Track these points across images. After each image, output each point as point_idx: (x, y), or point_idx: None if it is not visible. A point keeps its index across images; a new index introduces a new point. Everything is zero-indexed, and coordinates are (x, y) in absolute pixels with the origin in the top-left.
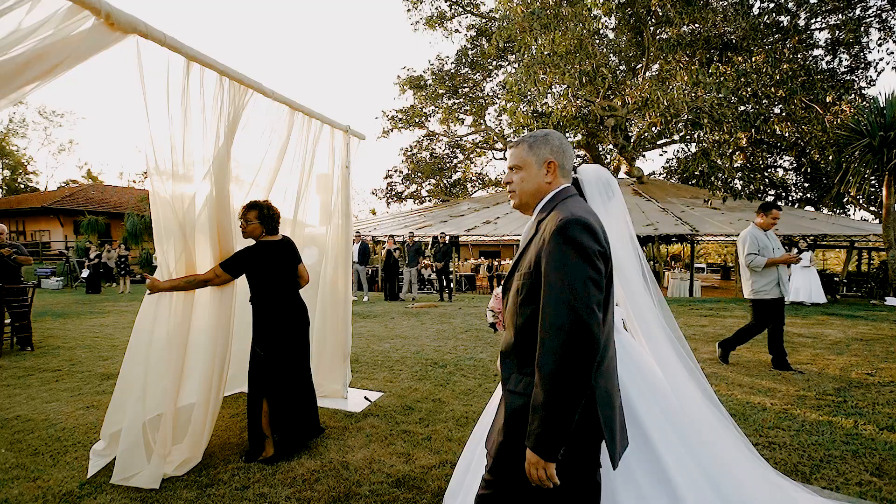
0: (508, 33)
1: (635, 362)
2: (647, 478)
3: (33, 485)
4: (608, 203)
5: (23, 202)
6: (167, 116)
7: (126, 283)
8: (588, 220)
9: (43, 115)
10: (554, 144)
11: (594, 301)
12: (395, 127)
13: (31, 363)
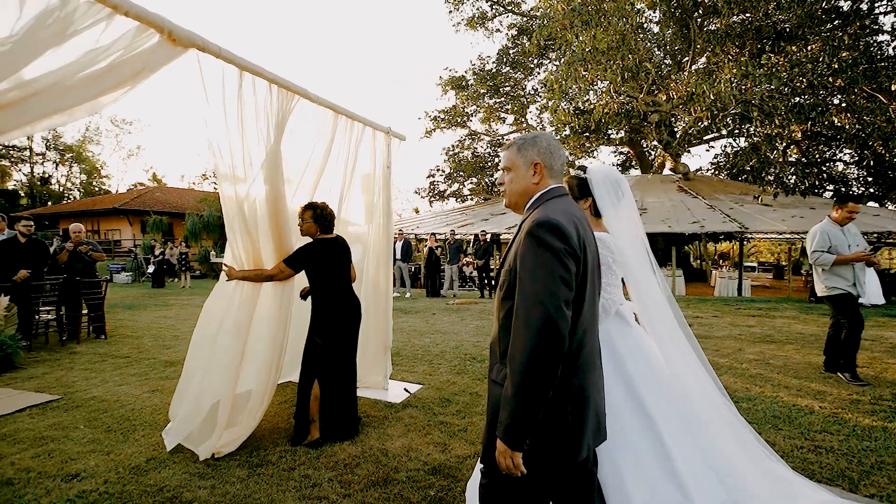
0: (549, 31)
1: (645, 355)
2: (655, 464)
3: (107, 458)
4: (617, 204)
5: (97, 203)
6: (225, 122)
7: (187, 278)
8: (559, 221)
9: (114, 123)
10: (541, 146)
11: (562, 299)
12: (437, 127)
13: (105, 350)
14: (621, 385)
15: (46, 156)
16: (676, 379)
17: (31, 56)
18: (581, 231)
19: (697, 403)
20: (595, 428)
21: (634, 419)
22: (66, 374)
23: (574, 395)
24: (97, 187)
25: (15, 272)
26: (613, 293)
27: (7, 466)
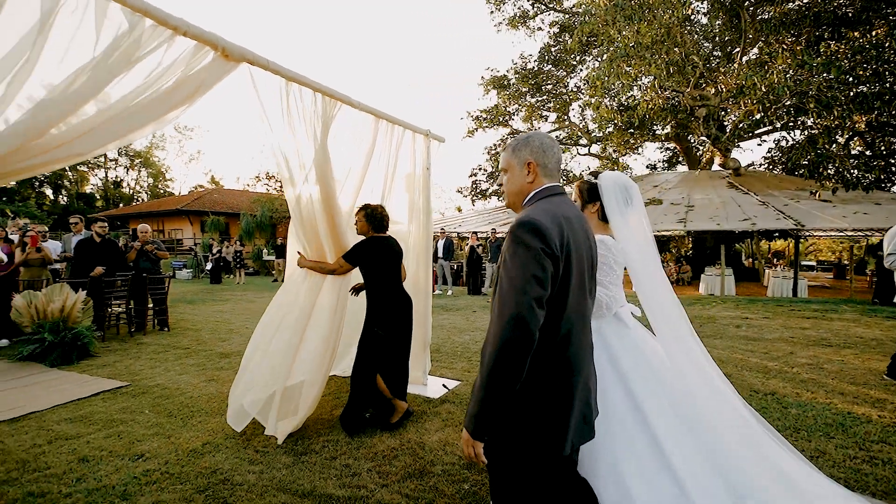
0: (591, 28)
1: (644, 356)
2: (652, 460)
3: (167, 441)
4: (625, 209)
5: (162, 205)
6: (277, 128)
7: (241, 275)
8: (539, 221)
9: (177, 130)
10: (534, 146)
11: (533, 297)
12: (479, 126)
13: (167, 341)
14: (618, 384)
15: (118, 161)
16: (680, 380)
17: (109, 79)
18: (566, 230)
19: (701, 404)
20: (580, 426)
21: (632, 416)
22: (134, 362)
23: (558, 392)
24: (162, 190)
25: (91, 269)
26: (615, 292)
27: (84, 445)
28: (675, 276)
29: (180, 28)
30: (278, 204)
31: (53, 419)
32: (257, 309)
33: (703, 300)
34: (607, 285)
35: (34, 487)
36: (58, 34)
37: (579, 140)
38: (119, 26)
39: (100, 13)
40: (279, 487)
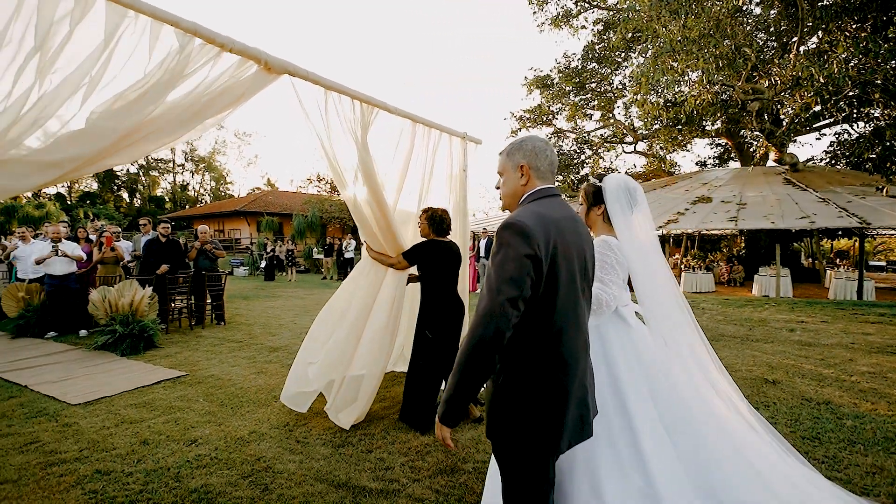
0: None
1: (639, 357)
2: (631, 460)
3: (218, 428)
4: (628, 212)
5: (222, 207)
6: (322, 132)
7: (292, 272)
8: (523, 223)
9: (237, 136)
10: (527, 149)
11: (507, 297)
12: (523, 126)
13: (223, 335)
14: (609, 382)
15: (185, 166)
16: (670, 382)
17: (162, 93)
18: (553, 232)
19: (694, 408)
20: (578, 425)
21: (617, 416)
22: (193, 353)
23: (553, 391)
24: (223, 192)
25: (157, 267)
26: (615, 290)
27: (145, 429)
28: (727, 276)
29: (226, 45)
30: (328, 205)
31: (121, 404)
32: (306, 305)
33: (756, 302)
34: (608, 283)
35: (101, 466)
36: (119, 53)
37: (625, 138)
38: (171, 46)
39: (154, 34)
40: (316, 477)
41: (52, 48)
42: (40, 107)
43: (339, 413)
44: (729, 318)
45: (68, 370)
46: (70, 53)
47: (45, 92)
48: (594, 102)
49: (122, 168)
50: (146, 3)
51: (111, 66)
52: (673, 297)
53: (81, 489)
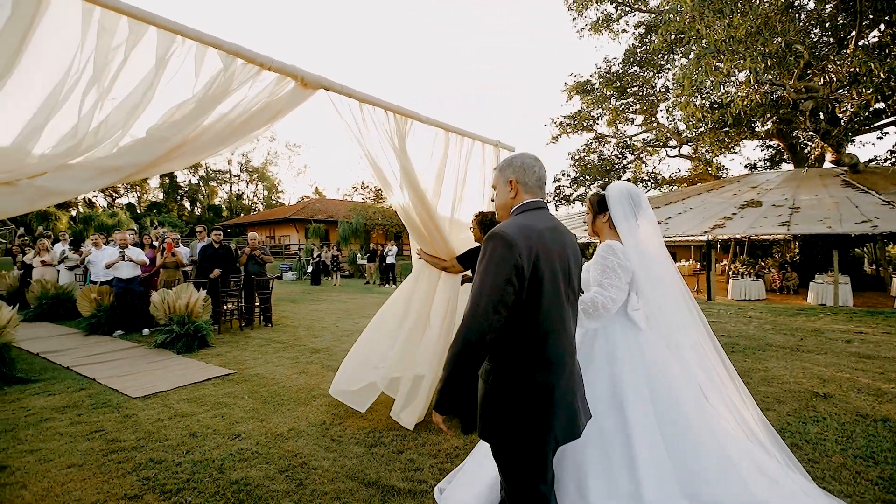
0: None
1: (644, 360)
2: (619, 461)
3: (260, 424)
4: (632, 218)
5: (274, 214)
6: (363, 143)
7: (337, 277)
8: (506, 233)
9: (288, 147)
10: (516, 165)
11: (491, 301)
12: (563, 132)
13: (269, 336)
14: (609, 384)
15: (240, 176)
16: (669, 388)
17: (209, 109)
18: (535, 241)
19: (690, 413)
20: (566, 425)
21: (613, 417)
22: (241, 353)
23: (538, 391)
24: (275, 200)
25: (211, 271)
26: (615, 293)
27: (195, 423)
28: (779, 283)
29: (265, 63)
30: (371, 212)
31: (175, 398)
32: (349, 309)
33: (809, 310)
34: (607, 287)
35: (154, 455)
36: (168, 74)
37: (668, 141)
38: (215, 67)
39: (199, 57)
40: (348, 475)
41: (110, 73)
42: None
43: (401, 413)
44: (778, 328)
45: (131, 366)
46: (126, 78)
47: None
48: (636, 106)
49: (184, 179)
50: (192, 29)
51: (162, 87)
52: (681, 300)
53: (136, 476)
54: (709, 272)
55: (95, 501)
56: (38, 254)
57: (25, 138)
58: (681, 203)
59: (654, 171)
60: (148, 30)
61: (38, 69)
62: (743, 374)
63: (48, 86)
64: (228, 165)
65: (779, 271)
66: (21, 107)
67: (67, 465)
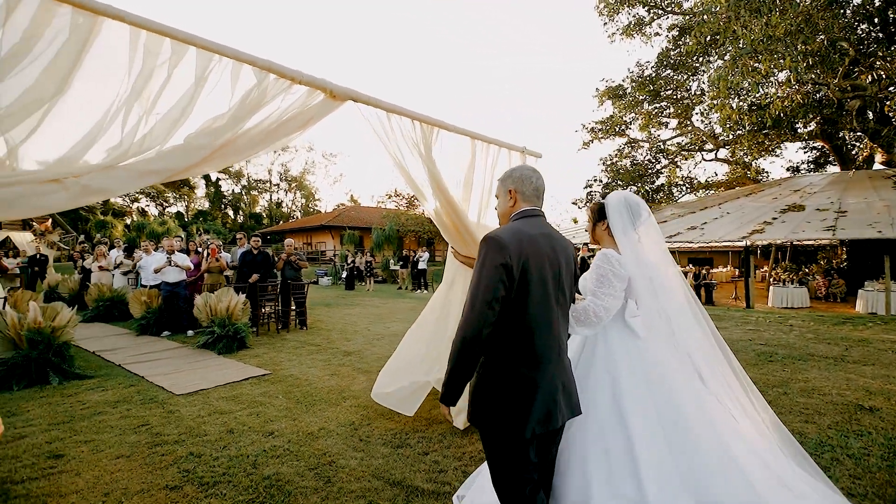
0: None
1: (643, 366)
2: (622, 465)
3: (292, 423)
4: (629, 226)
5: (311, 221)
6: (392, 151)
7: (371, 282)
8: (500, 237)
9: (324, 156)
10: (515, 177)
11: (484, 299)
12: (595, 138)
13: (304, 338)
14: (609, 389)
15: (280, 185)
16: (669, 391)
17: (243, 120)
18: (526, 245)
19: (691, 415)
20: (545, 415)
21: (612, 420)
22: (277, 354)
23: (521, 384)
24: (312, 208)
25: (250, 276)
26: (609, 302)
27: (232, 420)
28: (825, 291)
29: (296, 78)
30: (404, 219)
31: (215, 396)
32: (381, 314)
33: (857, 319)
34: (601, 296)
35: (194, 449)
36: (207, 90)
37: (704, 145)
38: (250, 82)
39: (235, 73)
40: (374, 474)
41: (154, 91)
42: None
43: (458, 415)
44: (821, 337)
45: (176, 365)
46: (169, 94)
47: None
48: (670, 110)
49: (228, 189)
50: (228, 47)
51: (201, 102)
52: (685, 306)
53: (177, 468)
54: (747, 279)
55: (140, 490)
56: (97, 259)
57: (77, 151)
58: (717, 208)
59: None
60: (188, 50)
61: (90, 88)
62: (780, 384)
63: (99, 103)
64: (269, 175)
65: (824, 278)
66: (74, 122)
67: (116, 455)
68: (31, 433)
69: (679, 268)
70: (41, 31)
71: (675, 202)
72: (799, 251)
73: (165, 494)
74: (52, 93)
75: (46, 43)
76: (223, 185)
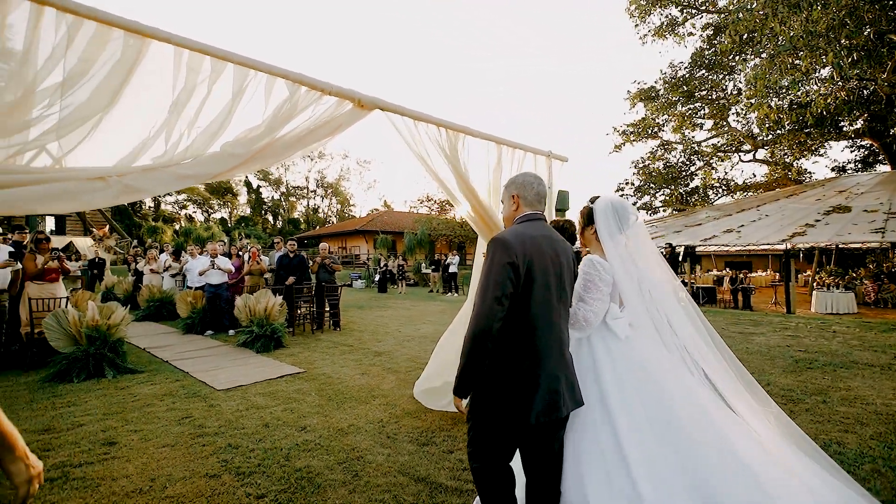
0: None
1: (628, 366)
2: (615, 465)
3: (323, 419)
4: (615, 230)
5: (346, 226)
6: (423, 156)
7: (402, 285)
8: (506, 238)
9: (359, 163)
10: (518, 183)
11: (493, 296)
12: (626, 141)
13: (337, 339)
14: (596, 390)
15: (316, 192)
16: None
17: (276, 130)
18: (528, 246)
19: (683, 412)
20: (548, 404)
21: (601, 419)
22: (311, 354)
23: (524, 375)
24: (347, 213)
25: (287, 279)
26: (596, 306)
27: (267, 414)
28: (874, 296)
29: (326, 89)
30: (436, 223)
31: (252, 392)
32: (411, 316)
33: None
34: (588, 301)
35: (232, 441)
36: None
37: (741, 146)
38: (282, 95)
39: (268, 87)
40: (400, 470)
41: (195, 106)
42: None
43: None
44: (867, 344)
45: (217, 362)
46: (209, 109)
47: (192, 139)
48: (704, 111)
49: (268, 196)
50: (263, 62)
51: (238, 114)
52: (678, 307)
53: (216, 458)
54: (787, 283)
55: (182, 477)
56: (148, 262)
57: (126, 160)
58: (755, 210)
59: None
60: (226, 66)
61: (137, 103)
62: (819, 392)
63: (145, 117)
64: (306, 182)
65: (873, 283)
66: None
67: (162, 444)
68: (88, 422)
69: (669, 269)
70: (97, 56)
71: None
72: (845, 255)
73: (205, 482)
74: (104, 105)
75: (101, 64)
76: (263, 192)
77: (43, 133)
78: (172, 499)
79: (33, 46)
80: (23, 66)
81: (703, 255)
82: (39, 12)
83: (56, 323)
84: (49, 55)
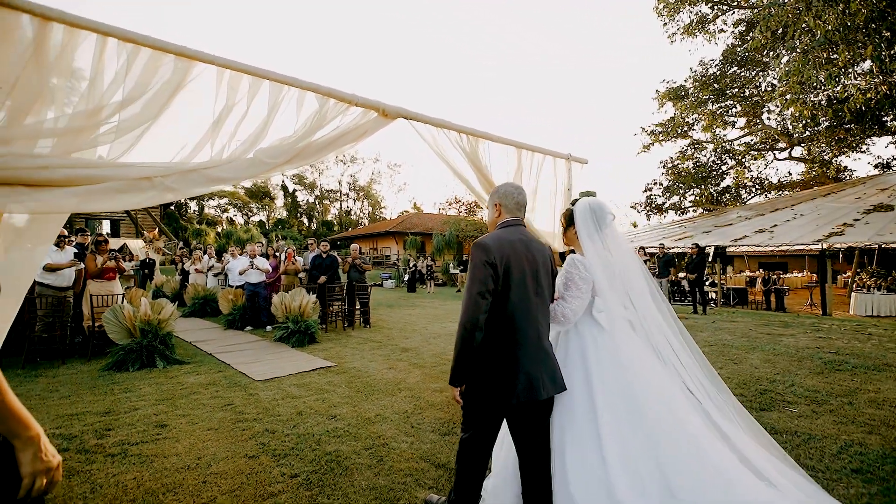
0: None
1: (610, 356)
2: (592, 445)
3: (353, 410)
4: (594, 231)
5: (377, 228)
6: (449, 160)
7: (431, 285)
8: (485, 242)
9: (389, 167)
10: (500, 192)
11: (477, 292)
12: (655, 141)
13: (367, 336)
14: (582, 378)
15: (349, 195)
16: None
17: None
18: (506, 248)
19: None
20: (526, 387)
21: (583, 406)
22: (342, 349)
23: (505, 360)
24: (378, 216)
25: (319, 278)
26: (576, 304)
27: (301, 403)
28: None
29: (353, 101)
30: (464, 224)
31: (287, 383)
32: (438, 315)
33: None
34: (568, 299)
35: (269, 426)
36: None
37: (776, 144)
38: (312, 108)
39: (300, 101)
40: (422, 457)
41: (235, 121)
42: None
43: None
44: None
45: (256, 355)
46: (247, 123)
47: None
48: (736, 108)
49: (303, 199)
50: (295, 78)
51: (272, 128)
52: (651, 303)
53: (255, 441)
54: (823, 284)
55: (225, 457)
56: (193, 263)
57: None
58: (789, 209)
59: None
60: (263, 83)
61: (182, 119)
62: (846, 394)
63: (190, 133)
64: (339, 185)
65: None
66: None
67: (207, 428)
68: (143, 406)
69: (644, 266)
70: (150, 79)
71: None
72: (889, 255)
73: (245, 462)
74: (151, 117)
75: (153, 85)
76: (299, 196)
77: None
78: (216, 475)
79: (99, 73)
80: (91, 90)
81: (736, 256)
82: (104, 42)
83: (114, 317)
84: (112, 79)
